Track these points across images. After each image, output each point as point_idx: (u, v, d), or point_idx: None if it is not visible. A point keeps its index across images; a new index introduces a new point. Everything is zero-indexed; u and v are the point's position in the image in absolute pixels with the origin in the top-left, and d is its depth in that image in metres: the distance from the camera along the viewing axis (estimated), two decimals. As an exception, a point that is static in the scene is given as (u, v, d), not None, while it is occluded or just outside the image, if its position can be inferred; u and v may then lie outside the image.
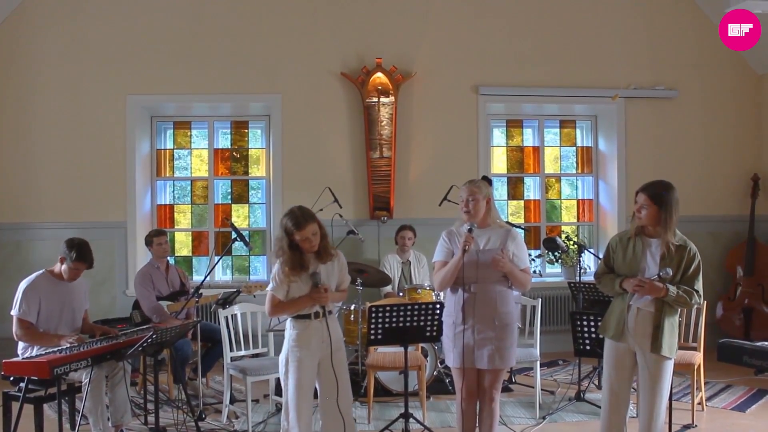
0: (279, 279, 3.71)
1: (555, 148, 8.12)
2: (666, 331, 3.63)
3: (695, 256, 3.68)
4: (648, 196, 3.67)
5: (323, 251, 3.78)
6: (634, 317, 3.70)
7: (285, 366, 3.78)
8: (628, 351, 3.74)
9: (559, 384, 6.15)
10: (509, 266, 3.81)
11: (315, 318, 3.76)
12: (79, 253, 4.44)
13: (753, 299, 7.32)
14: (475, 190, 3.91)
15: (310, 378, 3.75)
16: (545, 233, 7.87)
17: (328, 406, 3.78)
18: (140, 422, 5.00)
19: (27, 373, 4.02)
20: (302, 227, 3.65)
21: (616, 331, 3.75)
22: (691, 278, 3.66)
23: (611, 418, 3.80)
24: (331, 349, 3.77)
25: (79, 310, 4.72)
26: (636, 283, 3.62)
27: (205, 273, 6.33)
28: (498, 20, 7.49)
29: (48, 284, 4.53)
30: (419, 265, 6.75)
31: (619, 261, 3.80)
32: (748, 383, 6.10)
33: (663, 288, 3.57)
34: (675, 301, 3.61)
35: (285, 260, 3.70)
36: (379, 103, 7.16)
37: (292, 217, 3.70)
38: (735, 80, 7.80)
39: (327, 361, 3.77)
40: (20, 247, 6.98)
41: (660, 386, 3.66)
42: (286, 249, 3.70)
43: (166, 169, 7.67)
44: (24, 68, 7.03)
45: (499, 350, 3.83)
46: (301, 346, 3.74)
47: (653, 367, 3.65)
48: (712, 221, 7.70)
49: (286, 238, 3.70)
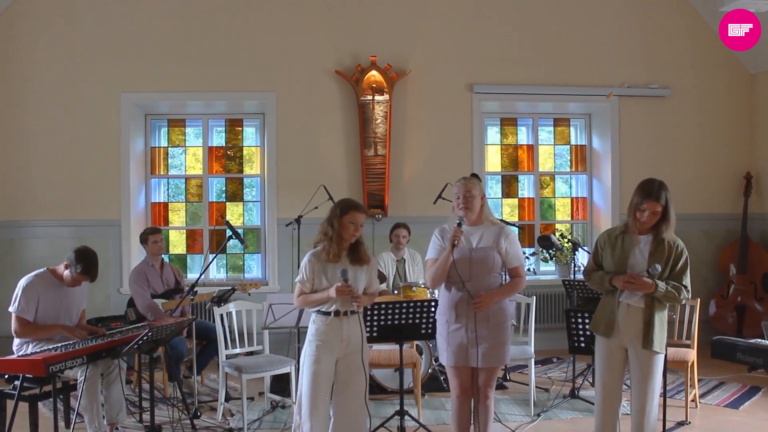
0: (306, 271, 3.77)
1: (549, 146, 8.14)
2: (656, 326, 3.66)
3: (683, 251, 3.71)
4: (662, 206, 3.63)
5: (359, 251, 3.83)
6: (625, 313, 3.72)
7: (304, 360, 3.80)
8: (619, 347, 3.77)
9: (554, 381, 6.18)
10: (493, 300, 3.80)
11: (336, 316, 3.77)
12: (85, 267, 4.41)
13: (746, 297, 7.36)
14: (471, 186, 3.90)
15: (326, 374, 3.74)
16: (539, 231, 7.89)
17: (342, 403, 3.79)
18: (135, 420, 5.00)
19: (22, 371, 4.01)
20: (357, 210, 3.76)
21: (606, 328, 3.77)
22: (680, 274, 3.69)
23: (605, 414, 3.81)
24: (350, 348, 3.78)
25: (76, 311, 4.71)
26: (626, 280, 3.65)
27: (199, 271, 6.32)
28: (492, 19, 7.50)
29: (48, 284, 4.52)
30: (414, 262, 6.75)
31: (608, 258, 3.81)
32: (741, 380, 6.13)
33: (652, 284, 3.60)
34: (664, 296, 3.64)
35: (327, 240, 3.74)
36: (374, 101, 7.16)
37: (344, 202, 3.85)
38: (728, 79, 7.83)
39: (345, 361, 3.79)
40: (14, 245, 6.96)
41: (652, 381, 3.69)
42: (331, 229, 3.75)
43: (161, 167, 7.66)
44: (18, 66, 7.01)
45: (493, 348, 3.82)
46: (320, 342, 3.75)
47: (644, 363, 3.68)
48: (706, 219, 7.74)
49: (335, 219, 3.76)
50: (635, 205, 3.69)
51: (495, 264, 3.86)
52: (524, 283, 3.98)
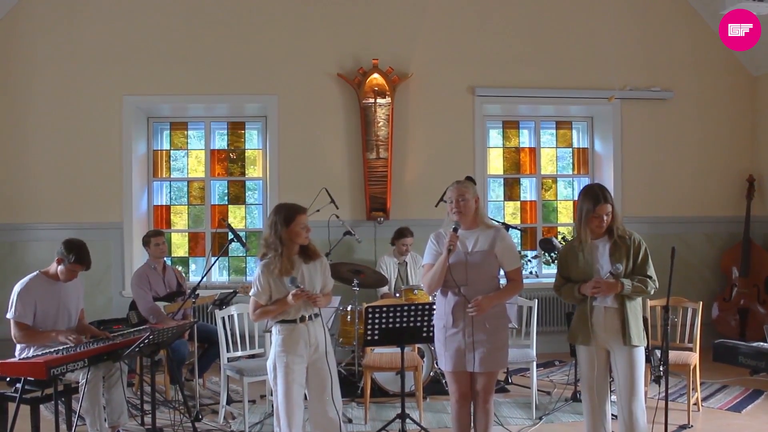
0: (261, 283, 3.72)
1: (551, 149, 8.14)
2: (631, 322, 3.76)
3: (640, 243, 3.83)
4: (611, 204, 3.81)
5: (308, 248, 3.81)
6: (602, 316, 3.80)
7: (273, 371, 3.76)
8: (600, 350, 3.85)
9: (556, 384, 6.17)
10: (490, 304, 3.77)
11: (301, 322, 3.76)
12: (77, 255, 4.44)
13: (748, 300, 7.34)
14: (464, 190, 3.88)
15: (298, 382, 3.73)
16: (541, 234, 7.88)
17: (317, 409, 3.79)
18: (137, 423, 5.00)
19: (24, 374, 4.01)
20: (302, 213, 3.72)
21: (584, 336, 3.85)
22: (642, 265, 3.80)
23: (594, 418, 3.88)
24: (318, 352, 3.78)
25: (75, 310, 4.71)
26: (592, 286, 3.74)
27: (201, 274, 6.33)
28: (494, 22, 7.50)
29: (42, 285, 4.52)
30: (416, 265, 6.75)
31: (574, 270, 3.89)
32: (744, 383, 6.12)
33: (618, 284, 3.70)
34: (633, 292, 3.74)
35: (276, 255, 3.68)
36: (376, 104, 7.16)
37: (285, 208, 3.74)
38: (730, 81, 7.82)
39: (315, 365, 3.79)
40: (15, 248, 6.97)
41: (636, 375, 3.76)
42: (279, 243, 3.68)
43: (163, 169, 7.67)
44: (20, 69, 7.03)
45: (490, 352, 3.80)
46: (289, 351, 3.72)
47: (627, 358, 3.76)
48: (708, 222, 7.72)
49: (282, 230, 3.68)
50: (587, 213, 3.78)
51: (492, 267, 3.84)
52: (521, 285, 3.96)
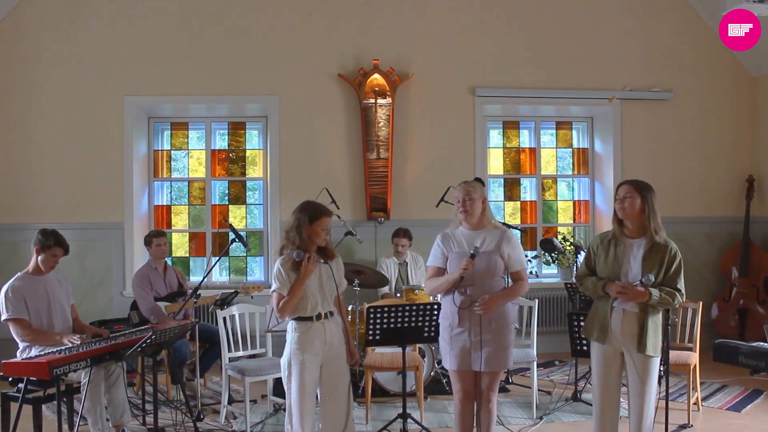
0: (282, 276, 3.75)
1: (551, 149, 8.15)
2: (650, 330, 3.68)
3: (676, 254, 3.72)
4: (631, 186, 3.73)
5: (326, 248, 3.84)
6: (620, 318, 3.73)
7: (288, 369, 3.74)
8: (615, 351, 3.78)
9: (556, 384, 6.19)
10: (496, 303, 3.79)
11: (317, 320, 3.76)
12: (56, 239, 4.51)
13: (748, 300, 7.36)
14: (471, 190, 3.91)
15: (313, 380, 3.73)
16: (542, 234, 7.89)
17: (329, 407, 3.79)
18: (139, 422, 5.01)
19: (26, 374, 4.01)
20: (327, 216, 3.76)
21: (600, 334, 3.79)
22: (673, 277, 3.70)
23: (603, 419, 3.84)
24: (333, 351, 3.79)
25: (67, 304, 4.73)
26: (618, 290, 3.67)
27: (202, 274, 6.34)
28: (495, 22, 7.51)
29: (28, 282, 4.54)
30: (416, 266, 6.76)
31: (601, 263, 3.83)
32: (744, 383, 6.14)
33: (646, 293, 3.61)
34: (659, 303, 3.66)
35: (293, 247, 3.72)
36: (376, 105, 7.17)
37: (312, 207, 3.78)
38: (730, 82, 7.84)
39: (329, 363, 3.78)
40: (17, 248, 6.96)
41: (648, 384, 3.71)
42: (298, 237, 3.73)
43: (163, 170, 7.68)
44: (21, 69, 7.03)
45: (496, 352, 3.83)
46: (304, 349, 3.72)
47: (640, 367, 3.70)
48: (708, 222, 7.73)
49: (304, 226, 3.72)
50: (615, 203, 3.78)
51: (497, 268, 3.86)
52: (527, 286, 3.98)
